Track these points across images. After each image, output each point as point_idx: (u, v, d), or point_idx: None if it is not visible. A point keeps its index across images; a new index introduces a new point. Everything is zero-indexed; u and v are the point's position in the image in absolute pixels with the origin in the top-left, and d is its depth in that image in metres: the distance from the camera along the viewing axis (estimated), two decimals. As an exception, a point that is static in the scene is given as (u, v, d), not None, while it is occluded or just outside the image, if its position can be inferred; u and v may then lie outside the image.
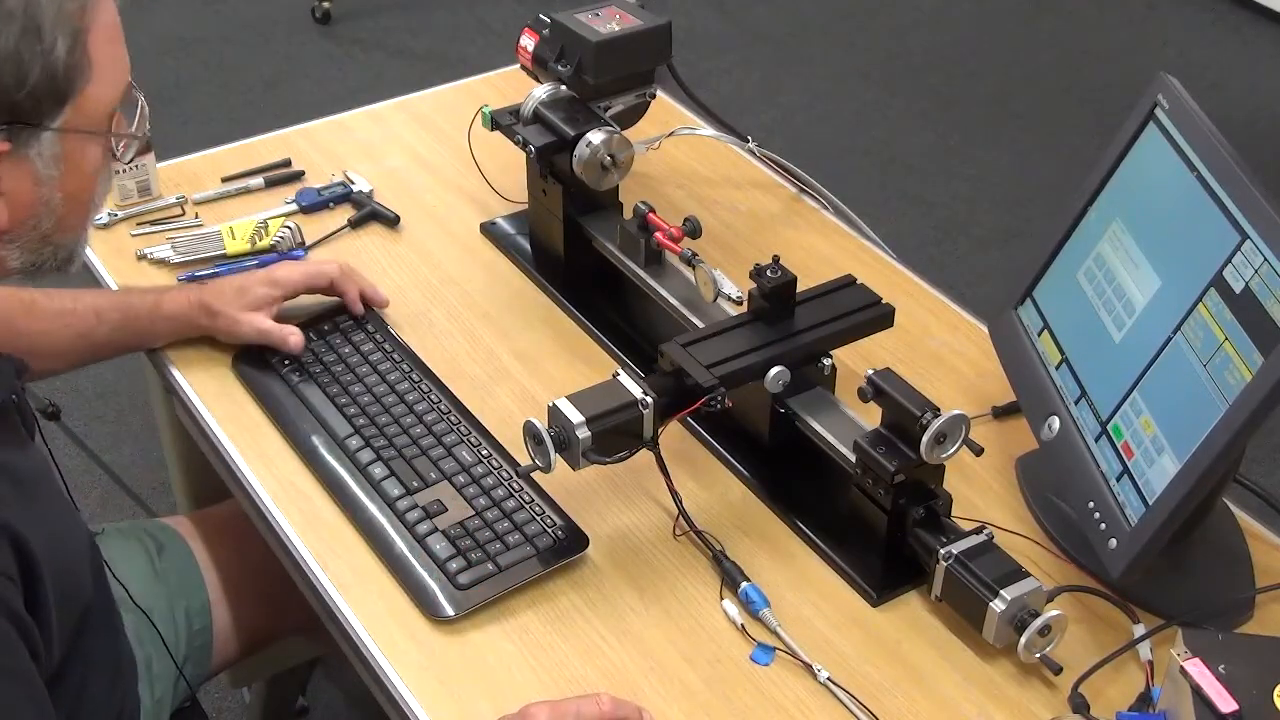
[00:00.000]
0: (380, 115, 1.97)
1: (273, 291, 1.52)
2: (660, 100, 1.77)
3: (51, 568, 1.06)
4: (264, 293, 1.52)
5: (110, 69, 1.05)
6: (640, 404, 1.27)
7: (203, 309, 1.51)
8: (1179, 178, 1.25)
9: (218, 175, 1.82)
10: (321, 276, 1.56)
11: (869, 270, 1.68)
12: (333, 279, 1.56)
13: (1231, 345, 1.14)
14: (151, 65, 3.75)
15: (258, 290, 1.51)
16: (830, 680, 1.21)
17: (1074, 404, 1.32)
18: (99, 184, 1.12)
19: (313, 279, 1.55)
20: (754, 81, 3.80)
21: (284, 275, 1.54)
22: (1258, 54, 3.95)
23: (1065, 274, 1.40)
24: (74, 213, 1.09)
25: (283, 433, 1.44)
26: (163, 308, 1.51)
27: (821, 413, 1.37)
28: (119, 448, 2.63)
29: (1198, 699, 1.06)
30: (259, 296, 1.51)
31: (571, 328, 1.60)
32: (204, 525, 1.59)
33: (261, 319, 1.51)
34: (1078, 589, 1.29)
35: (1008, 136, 3.59)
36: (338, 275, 1.56)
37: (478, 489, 1.36)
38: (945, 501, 1.29)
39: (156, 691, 1.44)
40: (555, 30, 1.61)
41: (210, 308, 1.50)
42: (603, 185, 1.57)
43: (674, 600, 1.29)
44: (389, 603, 1.28)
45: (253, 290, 1.51)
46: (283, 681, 2.04)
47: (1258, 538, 1.36)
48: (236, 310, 1.50)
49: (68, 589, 1.11)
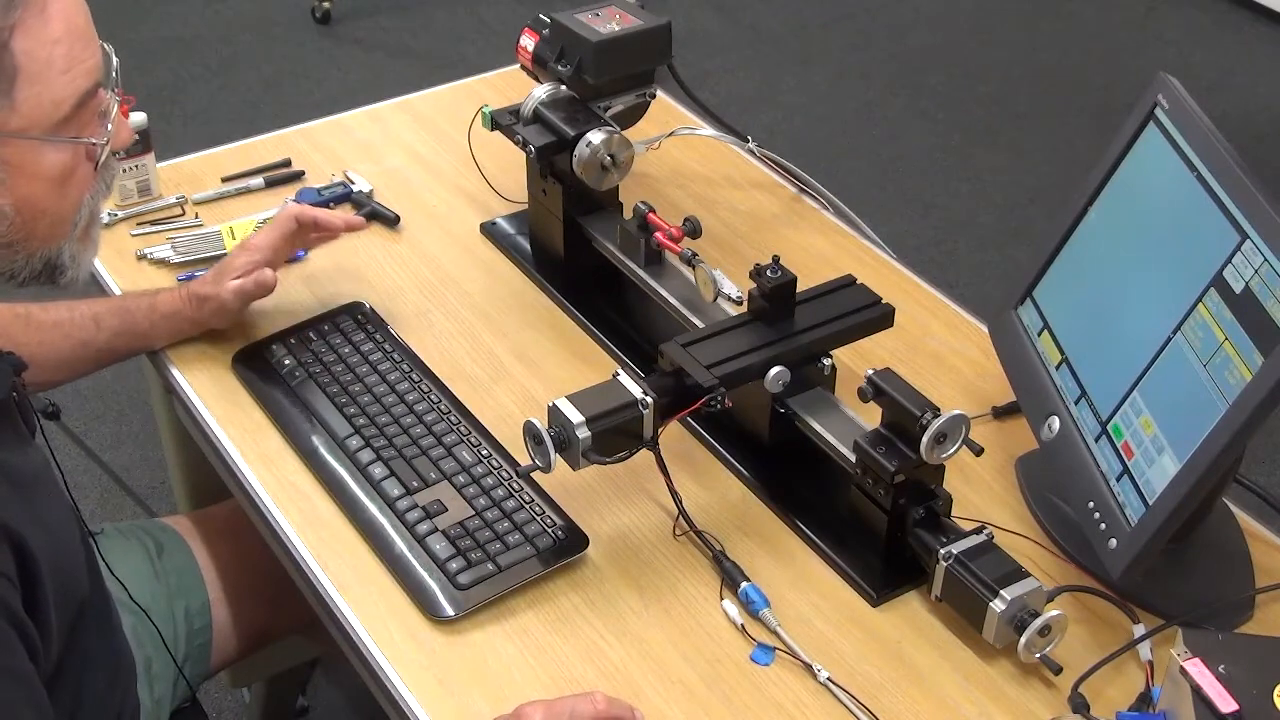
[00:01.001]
0: (380, 115, 1.97)
1: (252, 257, 1.50)
2: (660, 100, 1.77)
3: (49, 567, 1.06)
4: (243, 261, 1.50)
5: (59, 71, 1.02)
6: (640, 404, 1.27)
7: (193, 299, 1.50)
8: (1179, 178, 1.25)
9: (218, 175, 1.82)
10: (287, 222, 1.53)
11: (869, 270, 1.68)
12: (295, 216, 1.53)
13: (1231, 345, 1.14)
14: (151, 65, 3.76)
15: (236, 261, 1.51)
16: (830, 680, 1.21)
17: (1074, 404, 1.32)
18: (73, 190, 1.09)
19: (281, 227, 1.53)
20: (754, 81, 3.80)
21: (255, 240, 1.52)
22: (1258, 54, 3.95)
23: (1065, 274, 1.40)
24: (38, 220, 1.07)
25: (283, 433, 1.44)
26: (158, 307, 1.51)
27: (821, 413, 1.37)
28: (119, 448, 2.63)
29: (1198, 699, 1.06)
30: (238, 266, 1.50)
31: (571, 328, 1.60)
32: (204, 525, 1.59)
33: (235, 281, 1.49)
34: (1078, 589, 1.29)
35: (1008, 136, 3.59)
36: (298, 212, 1.54)
37: (478, 489, 1.36)
38: (945, 501, 1.29)
39: (156, 691, 1.44)
40: (555, 30, 1.61)
41: (199, 294, 1.50)
42: (603, 185, 1.57)
43: (674, 600, 1.29)
44: (389, 603, 1.28)
45: (231, 264, 1.51)
46: (283, 681, 2.04)
47: (1258, 538, 1.36)
48: (221, 288, 1.50)
49: (65, 587, 1.11)
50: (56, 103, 1.03)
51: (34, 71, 1.01)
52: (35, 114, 1.02)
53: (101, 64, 1.08)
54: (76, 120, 1.06)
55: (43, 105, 1.02)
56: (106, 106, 1.10)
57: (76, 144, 1.07)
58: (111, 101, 1.10)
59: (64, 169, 1.07)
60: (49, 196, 1.07)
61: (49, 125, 1.04)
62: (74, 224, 1.11)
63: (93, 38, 1.06)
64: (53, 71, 1.02)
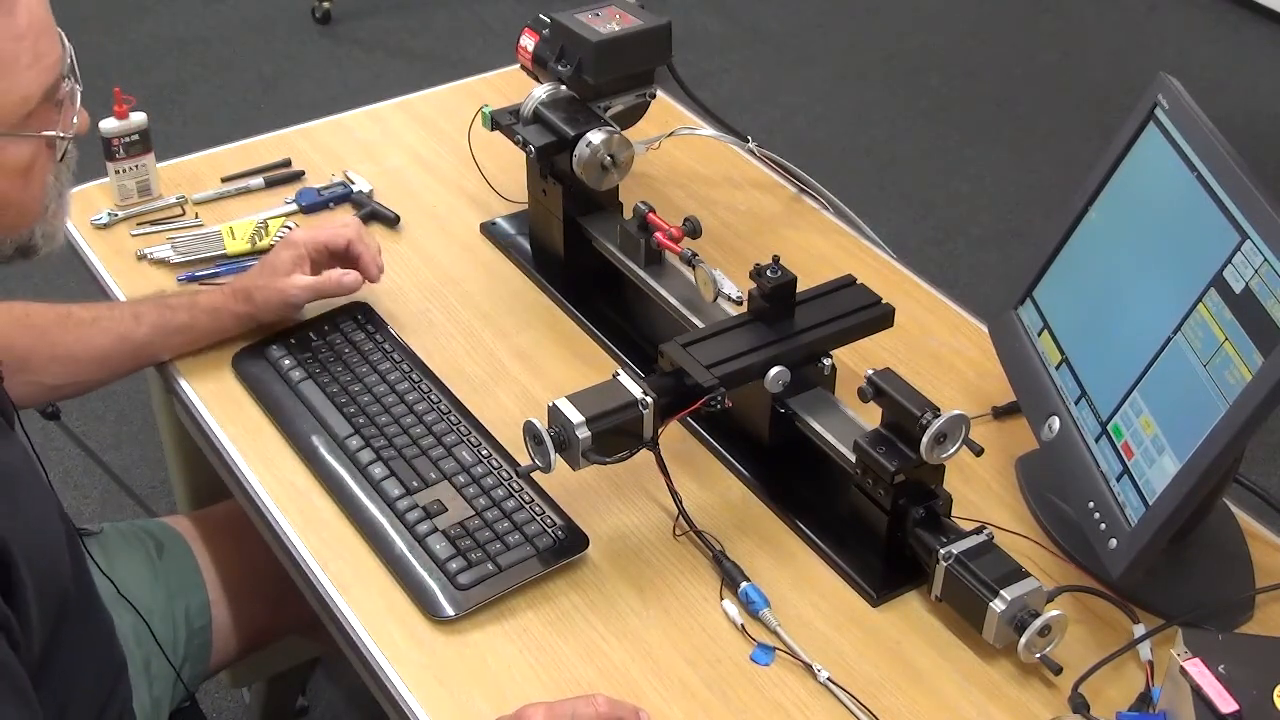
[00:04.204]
0: (380, 115, 1.97)
1: (298, 251, 1.51)
2: (660, 100, 1.77)
3: (29, 557, 1.06)
4: (289, 256, 1.50)
5: (25, 66, 1.02)
6: (640, 404, 1.27)
7: (239, 294, 1.50)
8: (1179, 178, 1.25)
9: (218, 175, 1.82)
10: (339, 237, 1.54)
11: (869, 270, 1.68)
12: (350, 240, 1.54)
13: (1231, 345, 1.14)
14: (151, 65, 3.76)
15: (283, 256, 1.51)
16: (830, 680, 1.21)
17: (1074, 404, 1.32)
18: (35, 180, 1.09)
19: (332, 239, 1.54)
20: (754, 81, 3.80)
21: (300, 237, 1.52)
22: (1258, 54, 3.95)
23: (1065, 274, 1.40)
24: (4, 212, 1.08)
25: (283, 433, 1.44)
26: (199, 302, 1.50)
27: (821, 413, 1.37)
28: (119, 448, 2.63)
29: (1198, 699, 1.06)
30: (287, 261, 1.50)
31: (571, 328, 1.60)
32: (204, 525, 1.59)
33: (305, 277, 1.50)
34: (1078, 589, 1.29)
35: (1008, 136, 3.59)
36: (354, 236, 1.54)
37: (478, 489, 1.36)
38: (945, 501, 1.29)
39: (155, 691, 1.44)
40: (555, 30, 1.61)
41: (246, 290, 1.50)
42: (603, 185, 1.57)
43: (674, 600, 1.29)
44: (389, 603, 1.28)
45: (279, 259, 1.51)
46: (283, 681, 2.04)
47: (1258, 538, 1.36)
48: (275, 280, 1.50)
49: (46, 578, 1.10)
50: (24, 99, 1.04)
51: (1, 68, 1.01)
52: (2, 111, 1.03)
53: (62, 56, 1.08)
54: (40, 114, 1.06)
55: (11, 102, 1.03)
56: (65, 97, 1.10)
57: (41, 138, 1.07)
58: (75, 91, 1.11)
59: (26, 162, 1.07)
60: (13, 189, 1.07)
61: (15, 121, 1.04)
62: (44, 208, 1.12)
63: (55, 30, 1.06)
64: (19, 67, 1.02)
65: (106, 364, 1.47)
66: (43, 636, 1.11)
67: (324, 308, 1.59)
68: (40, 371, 1.41)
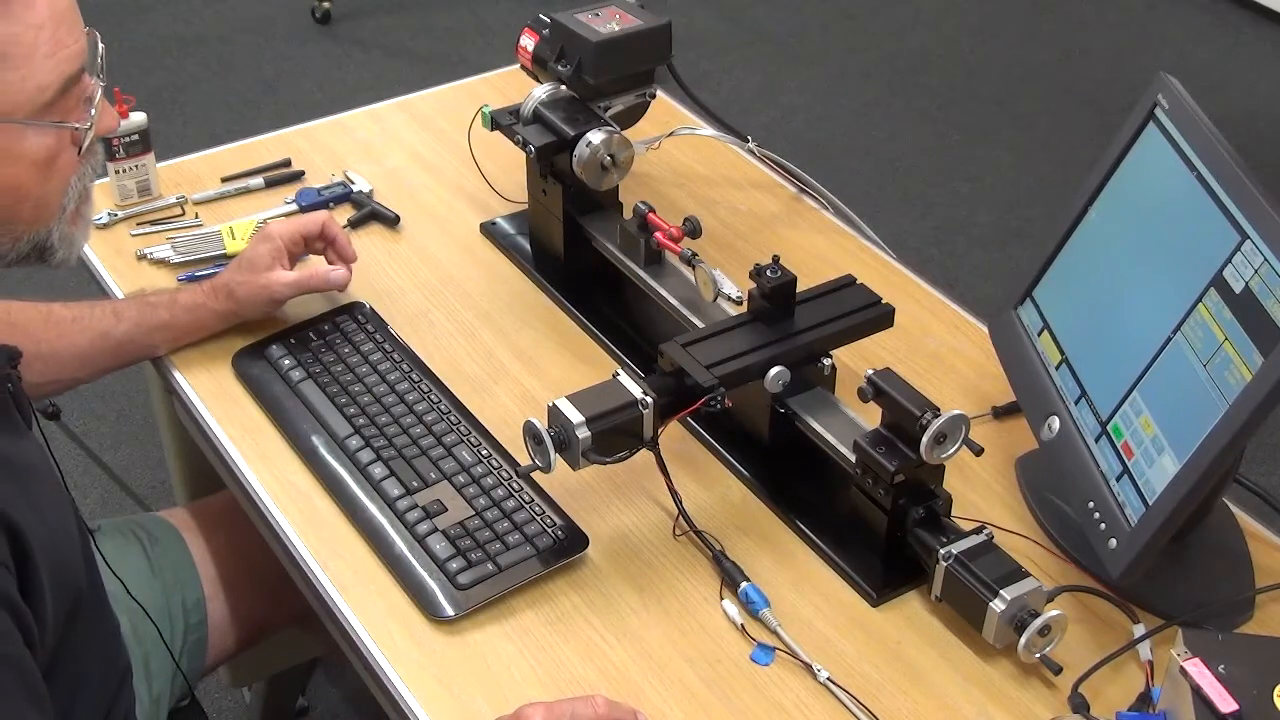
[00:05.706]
0: (380, 115, 1.97)
1: (275, 245, 1.50)
2: (660, 100, 1.77)
3: (46, 555, 1.06)
4: (267, 250, 1.50)
5: (43, 55, 1.03)
6: (640, 404, 1.27)
7: (220, 291, 1.50)
8: (1179, 178, 1.25)
9: (218, 175, 1.82)
10: (313, 222, 1.54)
11: (869, 270, 1.68)
12: (323, 222, 1.54)
13: (1231, 345, 1.14)
14: (151, 65, 3.76)
15: (260, 251, 1.50)
16: (830, 680, 1.21)
17: (1074, 404, 1.32)
18: (57, 175, 1.09)
19: (306, 226, 1.54)
20: (754, 81, 3.80)
21: (275, 229, 1.52)
22: (1258, 54, 3.95)
23: (1065, 274, 1.40)
24: (22, 204, 1.07)
25: (283, 433, 1.44)
26: (179, 299, 1.50)
27: (821, 413, 1.37)
28: (119, 448, 2.63)
29: (1198, 699, 1.06)
30: (265, 255, 1.50)
31: (571, 328, 1.60)
32: (198, 517, 1.59)
33: (288, 273, 1.50)
34: (1078, 589, 1.29)
35: (1008, 136, 3.59)
36: (327, 218, 1.54)
37: (478, 489, 1.36)
38: (945, 501, 1.29)
39: (155, 688, 1.43)
40: (555, 30, 1.61)
41: (227, 286, 1.50)
42: (603, 185, 1.57)
43: (674, 600, 1.29)
44: (389, 602, 1.28)
45: (256, 254, 1.50)
46: (283, 681, 2.04)
47: (1258, 538, 1.36)
48: (257, 276, 1.49)
49: (61, 577, 1.10)
50: (41, 88, 1.04)
51: (18, 56, 1.01)
52: (19, 98, 1.03)
53: (86, 49, 1.08)
54: (61, 105, 1.06)
55: (27, 90, 1.03)
56: (91, 92, 1.10)
57: (61, 129, 1.07)
58: (96, 87, 1.11)
59: (48, 154, 1.07)
60: (32, 181, 1.07)
61: (33, 110, 1.04)
62: (62, 207, 1.12)
63: (77, 22, 1.06)
64: (37, 56, 1.02)
65: (87, 361, 1.47)
66: (56, 636, 1.11)
67: (324, 308, 1.59)
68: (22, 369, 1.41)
